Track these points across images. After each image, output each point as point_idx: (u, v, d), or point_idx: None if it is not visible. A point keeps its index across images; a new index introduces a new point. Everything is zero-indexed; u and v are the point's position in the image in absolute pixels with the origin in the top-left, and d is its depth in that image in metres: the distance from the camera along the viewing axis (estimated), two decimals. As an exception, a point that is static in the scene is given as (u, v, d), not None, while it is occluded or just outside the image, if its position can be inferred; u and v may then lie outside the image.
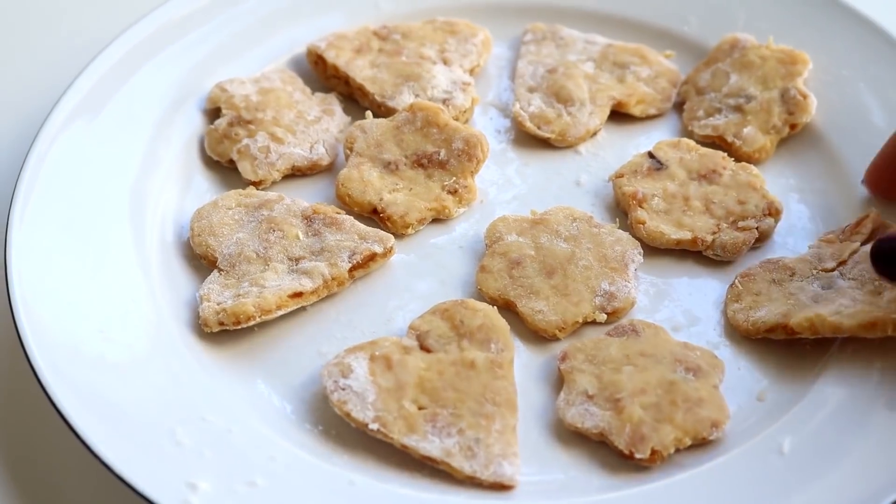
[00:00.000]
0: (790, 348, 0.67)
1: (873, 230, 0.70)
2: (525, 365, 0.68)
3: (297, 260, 0.70)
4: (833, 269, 0.68)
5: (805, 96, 0.78)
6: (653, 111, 0.81)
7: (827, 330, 0.63)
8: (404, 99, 0.79)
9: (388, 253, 0.72)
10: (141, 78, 0.80)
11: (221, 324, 0.68)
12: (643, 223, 0.72)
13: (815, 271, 0.68)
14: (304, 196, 0.75)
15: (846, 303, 0.64)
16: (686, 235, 0.72)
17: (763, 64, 0.80)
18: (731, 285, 0.69)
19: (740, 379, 0.67)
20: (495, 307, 0.68)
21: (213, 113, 0.79)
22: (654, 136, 0.79)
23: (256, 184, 0.76)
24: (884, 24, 0.81)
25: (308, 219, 0.72)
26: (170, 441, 0.62)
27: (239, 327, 0.68)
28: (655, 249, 0.73)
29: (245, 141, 0.76)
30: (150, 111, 0.79)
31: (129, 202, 0.74)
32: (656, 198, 0.73)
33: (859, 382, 0.65)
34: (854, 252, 0.68)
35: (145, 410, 0.64)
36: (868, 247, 0.65)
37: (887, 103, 0.78)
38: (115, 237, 0.72)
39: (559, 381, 0.66)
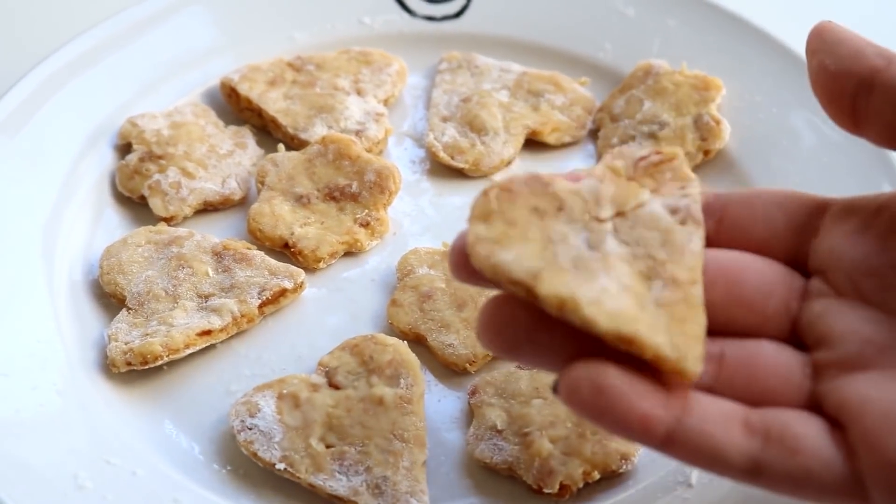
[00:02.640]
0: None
1: (670, 181, 0.52)
2: (436, 399, 0.67)
3: (207, 297, 0.70)
4: (607, 220, 0.50)
5: (718, 122, 0.78)
6: (568, 139, 0.81)
7: (576, 319, 0.45)
8: (317, 131, 0.79)
9: (298, 288, 0.71)
10: (53, 114, 0.79)
11: (129, 364, 0.67)
12: (555, 253, 0.72)
13: (586, 217, 0.49)
14: (216, 231, 0.75)
15: (611, 287, 0.47)
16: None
17: (676, 90, 0.80)
18: (483, 193, 0.49)
19: (651, 409, 0.67)
20: (406, 341, 0.68)
21: (126, 148, 0.79)
22: (569, 164, 0.79)
23: (168, 220, 0.75)
24: (795, 48, 0.81)
25: (218, 255, 0.72)
26: (72, 485, 0.61)
27: (147, 367, 0.67)
28: (568, 279, 0.72)
29: (156, 176, 0.76)
30: (61, 148, 0.78)
31: (40, 240, 0.73)
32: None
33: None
34: (639, 206, 0.51)
35: (48, 454, 0.63)
36: (656, 208, 0.51)
37: (800, 128, 0.79)
38: (23, 276, 0.71)
39: (470, 416, 0.66)
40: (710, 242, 0.51)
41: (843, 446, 0.45)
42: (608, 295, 0.46)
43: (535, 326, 0.47)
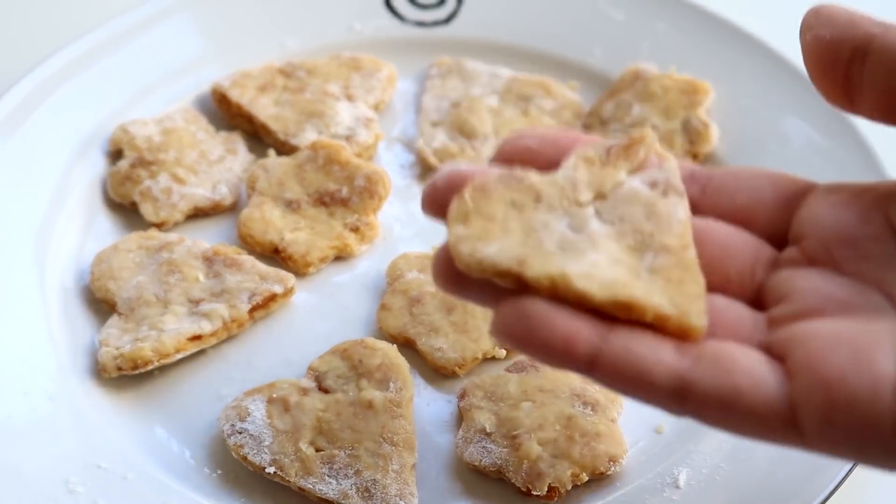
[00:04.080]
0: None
1: (645, 159, 0.51)
2: (426, 403, 0.68)
3: (197, 302, 0.70)
4: (587, 205, 0.49)
5: (706, 126, 0.79)
6: (557, 144, 0.81)
7: (571, 296, 0.44)
8: (307, 137, 0.79)
9: (288, 293, 0.72)
10: (44, 120, 0.79)
11: (120, 369, 0.67)
12: (544, 257, 0.72)
13: (565, 203, 0.48)
14: (207, 237, 0.75)
15: (601, 261, 0.46)
16: (586, 268, 0.72)
17: (665, 94, 0.81)
18: (457, 195, 0.47)
19: (639, 412, 0.66)
20: (395, 345, 0.68)
21: (117, 154, 0.79)
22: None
23: (159, 225, 0.75)
24: (784, 53, 0.82)
25: (209, 260, 0.72)
26: (63, 490, 0.62)
27: (137, 372, 0.67)
28: (557, 283, 0.73)
29: (147, 182, 0.76)
30: (53, 154, 0.78)
31: (32, 246, 0.73)
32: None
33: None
34: (618, 186, 0.50)
35: (39, 458, 0.63)
36: (635, 184, 0.50)
37: (788, 132, 0.79)
38: (15, 281, 0.71)
39: (459, 419, 0.66)
40: (693, 209, 0.50)
41: (781, 372, 0.43)
42: (599, 268, 0.45)
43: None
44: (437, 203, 0.48)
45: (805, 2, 0.53)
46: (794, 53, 0.82)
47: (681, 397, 0.43)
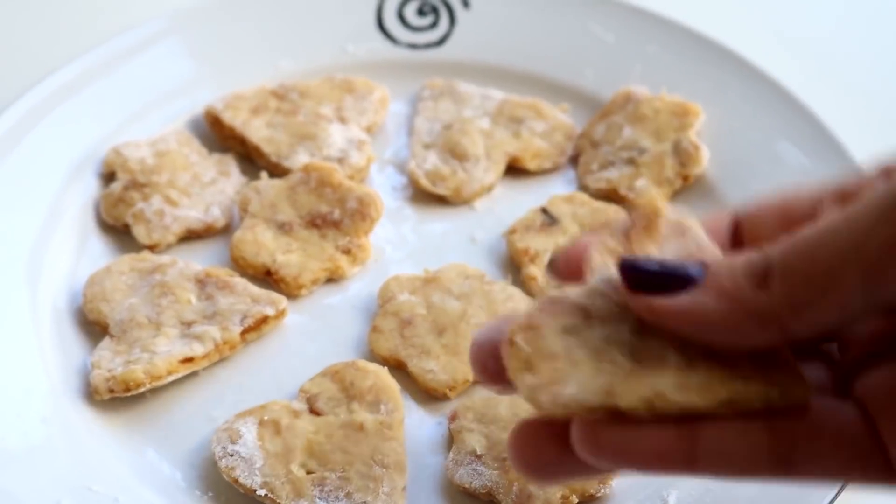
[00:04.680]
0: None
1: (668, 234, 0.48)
2: (417, 425, 0.68)
3: (189, 324, 0.70)
4: None
5: (697, 148, 0.79)
6: (548, 165, 0.82)
7: (674, 411, 0.43)
8: (300, 159, 0.79)
9: (280, 315, 0.72)
10: (37, 143, 0.79)
11: (111, 391, 0.67)
12: (535, 279, 0.73)
13: (615, 308, 0.45)
14: (199, 259, 0.75)
15: (680, 362, 0.44)
16: (577, 290, 0.72)
17: (656, 116, 0.81)
18: (508, 342, 0.44)
19: (629, 433, 0.67)
20: (386, 367, 0.69)
21: (110, 176, 0.79)
22: (550, 191, 0.80)
23: (151, 247, 0.76)
24: (774, 75, 0.82)
25: (201, 282, 0.72)
26: (54, 513, 0.62)
27: (129, 394, 0.67)
28: (548, 304, 0.73)
29: (140, 205, 0.76)
30: (46, 176, 0.78)
31: (25, 268, 0.74)
32: (548, 253, 0.74)
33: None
34: None
35: (31, 481, 0.63)
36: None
37: (779, 154, 0.79)
38: (8, 303, 0.72)
39: (450, 441, 0.67)
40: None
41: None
42: (682, 371, 0.43)
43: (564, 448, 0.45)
44: (487, 370, 0.48)
45: (794, 24, 0.54)
46: (784, 76, 0.83)
47: (784, 474, 0.44)
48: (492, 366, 0.47)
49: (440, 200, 0.80)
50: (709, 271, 0.43)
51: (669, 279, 0.43)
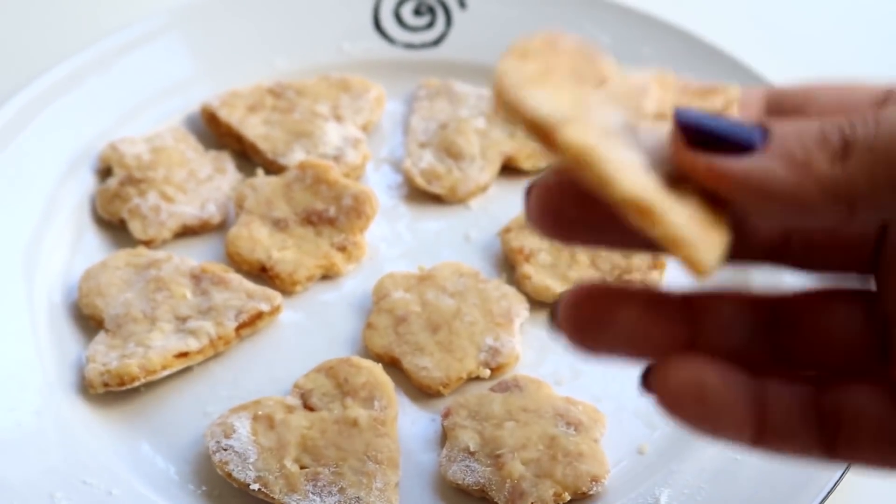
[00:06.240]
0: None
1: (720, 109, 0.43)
2: (410, 422, 0.68)
3: (184, 319, 0.70)
4: (647, 117, 0.43)
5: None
6: (543, 165, 0.82)
7: (591, 178, 0.38)
8: (296, 156, 0.80)
9: (275, 311, 0.72)
10: (34, 138, 0.80)
11: (106, 385, 0.67)
12: (529, 278, 0.73)
13: (626, 102, 0.42)
14: (195, 255, 0.76)
15: (636, 162, 0.40)
16: (571, 289, 0.72)
17: (651, 118, 0.81)
18: (526, 36, 0.41)
19: (622, 432, 0.68)
20: (380, 364, 0.69)
21: (106, 172, 0.80)
22: (545, 191, 0.80)
23: (147, 243, 0.76)
24: (770, 77, 0.83)
25: (196, 278, 0.72)
26: (48, 505, 0.62)
27: (124, 388, 0.68)
28: (542, 303, 0.73)
29: (136, 200, 0.77)
30: (42, 171, 0.79)
31: (21, 262, 0.74)
32: (542, 252, 0.74)
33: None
34: None
35: (25, 473, 0.63)
36: None
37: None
38: (3, 298, 0.72)
39: (443, 438, 0.67)
40: None
41: None
42: (633, 166, 0.39)
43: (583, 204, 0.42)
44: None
45: (793, 28, 0.54)
46: (779, 79, 0.83)
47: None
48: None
49: (435, 199, 0.80)
50: (773, 136, 0.39)
51: (732, 137, 0.39)
